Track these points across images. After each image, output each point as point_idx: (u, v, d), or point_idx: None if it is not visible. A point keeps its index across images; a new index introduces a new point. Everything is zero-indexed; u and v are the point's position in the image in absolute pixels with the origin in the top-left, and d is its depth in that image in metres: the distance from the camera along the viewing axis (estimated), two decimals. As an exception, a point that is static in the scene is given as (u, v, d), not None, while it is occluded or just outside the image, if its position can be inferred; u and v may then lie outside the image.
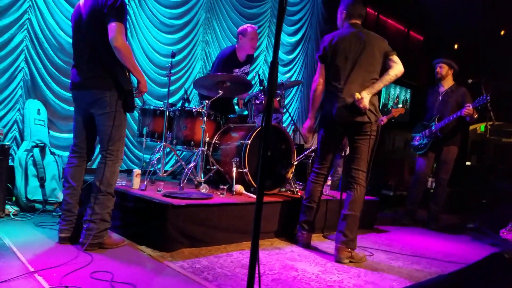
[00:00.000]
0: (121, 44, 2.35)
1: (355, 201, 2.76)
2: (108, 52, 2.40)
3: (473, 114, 4.14)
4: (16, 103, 3.88)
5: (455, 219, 5.17)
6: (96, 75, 2.45)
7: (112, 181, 2.51)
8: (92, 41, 2.46)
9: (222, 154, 3.66)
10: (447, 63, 4.49)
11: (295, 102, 6.56)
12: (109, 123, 2.46)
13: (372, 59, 2.82)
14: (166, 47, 4.96)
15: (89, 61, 2.47)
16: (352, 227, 2.73)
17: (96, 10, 2.41)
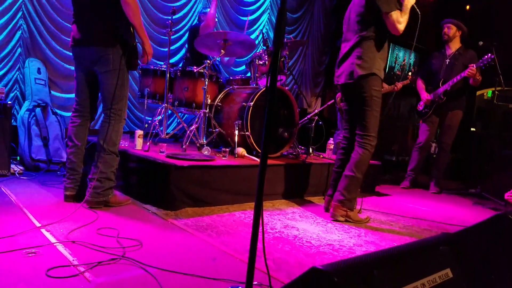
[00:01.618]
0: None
1: (356, 163, 2.75)
2: (113, 6, 2.33)
3: (476, 75, 4.05)
4: (16, 62, 3.83)
5: (457, 185, 5.19)
6: (99, 31, 2.38)
7: (116, 140, 2.50)
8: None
9: (224, 116, 3.63)
10: (456, 24, 4.35)
11: (299, 64, 6.42)
12: (112, 82, 2.41)
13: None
14: (166, 4, 4.80)
15: (91, 16, 2.40)
16: (350, 188, 2.75)
17: None
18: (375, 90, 2.69)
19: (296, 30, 6.27)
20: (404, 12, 2.63)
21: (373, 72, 2.67)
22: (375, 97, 2.70)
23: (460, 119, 4.42)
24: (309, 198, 3.45)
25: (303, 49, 6.38)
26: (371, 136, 2.75)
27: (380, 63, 2.72)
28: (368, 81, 2.67)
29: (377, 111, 2.74)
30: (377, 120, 2.75)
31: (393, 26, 2.60)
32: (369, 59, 2.68)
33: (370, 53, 2.68)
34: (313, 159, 3.71)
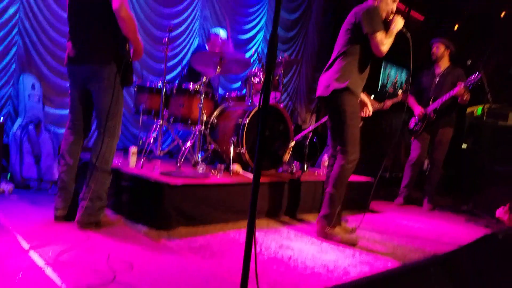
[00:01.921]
0: (126, 14, 2.31)
1: (333, 179, 2.73)
2: (108, 23, 2.34)
3: (464, 94, 4.12)
4: (10, 77, 3.81)
5: (449, 201, 5.22)
6: (94, 48, 2.39)
7: (109, 158, 2.48)
8: (90, 12, 2.38)
9: (220, 133, 3.63)
10: (444, 43, 4.44)
11: (294, 81, 6.48)
12: (107, 99, 2.40)
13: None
14: (163, 21, 4.84)
15: (86, 33, 2.40)
16: (328, 204, 2.73)
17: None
18: (349, 105, 2.68)
19: (290, 48, 6.35)
20: (389, 35, 2.66)
21: (349, 87, 2.67)
22: (350, 111, 2.69)
23: (451, 136, 4.48)
24: (304, 215, 3.44)
25: (298, 66, 6.45)
26: (348, 150, 2.71)
27: (357, 81, 2.73)
28: (343, 95, 2.68)
29: (354, 125, 2.71)
30: (354, 134, 2.72)
31: (376, 47, 2.63)
32: (346, 74, 2.69)
33: (349, 69, 2.70)
34: (307, 176, 3.71)
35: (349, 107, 2.68)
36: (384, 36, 2.63)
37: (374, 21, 2.63)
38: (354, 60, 2.71)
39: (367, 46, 2.69)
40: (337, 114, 2.73)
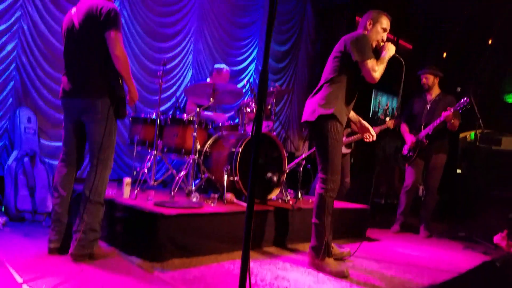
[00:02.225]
0: (121, 53, 2.39)
1: (315, 208, 2.70)
2: (102, 59, 2.42)
3: (452, 119, 4.20)
4: (7, 111, 3.86)
5: (446, 227, 5.20)
6: (88, 82, 2.45)
7: (101, 190, 2.49)
8: (85, 48, 2.46)
9: (213, 162, 3.65)
10: (432, 73, 4.56)
11: (286, 110, 6.59)
12: (100, 131, 2.44)
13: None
14: (157, 55, 4.96)
15: (81, 68, 2.47)
16: (314, 234, 2.69)
17: (90, 18, 2.42)
18: (332, 132, 2.65)
19: (282, 78, 6.51)
20: (381, 62, 2.67)
21: (333, 114, 2.65)
22: (332, 138, 2.66)
23: (444, 161, 4.52)
24: (299, 244, 3.40)
25: (289, 96, 6.58)
26: (328, 178, 2.66)
27: (343, 109, 2.71)
28: (328, 122, 2.66)
29: (336, 153, 2.67)
30: (335, 162, 2.66)
31: (368, 74, 2.62)
32: (332, 101, 2.67)
33: (335, 96, 2.69)
34: (302, 204, 3.71)
35: (333, 134, 2.66)
36: (375, 63, 2.63)
37: (364, 48, 2.63)
38: (341, 88, 2.71)
39: (355, 74, 2.71)
40: (320, 140, 2.70)
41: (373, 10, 2.87)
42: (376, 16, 2.82)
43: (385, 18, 2.83)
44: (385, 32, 2.82)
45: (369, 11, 2.88)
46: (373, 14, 2.83)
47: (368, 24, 2.82)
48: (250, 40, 6.05)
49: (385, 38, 2.82)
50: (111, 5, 2.43)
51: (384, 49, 2.74)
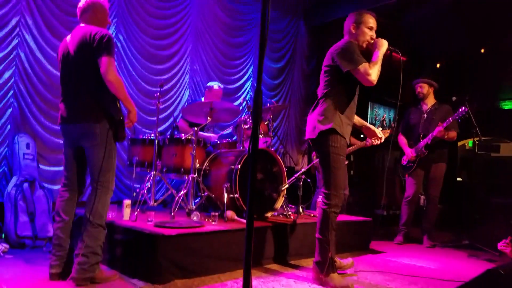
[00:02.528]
0: (113, 77, 2.41)
1: (318, 224, 2.68)
2: (98, 84, 2.45)
3: (444, 134, 4.28)
4: (5, 138, 3.89)
5: (449, 236, 5.16)
6: (85, 108, 2.47)
7: (103, 213, 2.49)
8: (80, 74, 2.50)
9: (213, 180, 3.66)
10: (426, 82, 4.61)
11: (283, 125, 6.63)
12: (99, 155, 2.46)
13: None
14: (154, 77, 5.02)
15: (77, 94, 2.50)
16: (318, 250, 2.66)
17: (84, 45, 2.47)
18: (333, 147, 2.63)
19: (278, 95, 6.57)
20: (375, 62, 2.58)
21: (333, 128, 2.62)
22: (334, 153, 2.63)
23: (444, 170, 4.52)
24: (302, 260, 3.38)
25: (286, 111, 6.63)
26: (330, 194, 2.63)
27: (342, 121, 2.67)
28: (328, 137, 2.63)
29: (337, 168, 2.64)
30: (337, 177, 2.63)
31: (363, 79, 2.57)
32: (330, 116, 2.64)
33: (331, 109, 2.66)
34: (304, 219, 3.69)
35: (334, 149, 2.63)
36: (368, 66, 2.55)
37: (352, 56, 2.58)
38: (337, 101, 2.68)
39: (348, 84, 2.67)
40: (322, 156, 2.69)
41: (354, 12, 2.79)
42: (358, 17, 2.75)
43: (368, 17, 2.75)
44: (372, 30, 2.75)
45: (350, 15, 2.81)
46: (355, 17, 2.76)
47: (352, 28, 2.76)
48: (246, 59, 6.14)
49: (375, 36, 2.75)
50: (104, 31, 2.48)
51: (375, 46, 2.67)
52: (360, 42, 2.72)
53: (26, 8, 3.99)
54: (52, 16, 4.15)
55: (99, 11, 2.66)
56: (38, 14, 4.07)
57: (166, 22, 5.15)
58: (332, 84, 2.70)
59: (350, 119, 2.77)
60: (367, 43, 2.73)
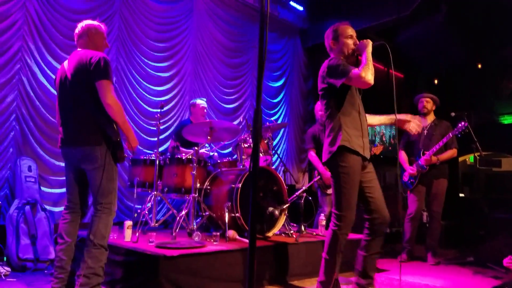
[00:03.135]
0: (112, 101, 2.44)
1: (326, 244, 2.64)
2: (95, 107, 2.47)
3: (432, 162, 4.32)
4: (7, 161, 3.91)
5: (453, 253, 5.10)
6: (84, 131, 2.49)
7: (105, 234, 2.49)
8: (77, 98, 2.52)
9: (214, 199, 3.65)
10: (432, 98, 4.63)
11: (283, 143, 6.66)
12: (100, 177, 2.47)
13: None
14: (155, 98, 5.08)
15: (76, 117, 2.52)
16: (323, 270, 2.63)
17: (81, 69, 2.50)
18: (343, 167, 2.57)
19: (277, 113, 6.64)
20: (365, 64, 2.51)
21: (342, 146, 2.57)
22: (344, 173, 2.57)
23: (446, 186, 4.50)
24: (305, 280, 3.33)
25: (286, 129, 6.67)
26: (342, 215, 2.57)
27: (348, 134, 2.60)
28: (337, 157, 2.59)
29: (346, 188, 2.57)
30: (346, 197, 2.57)
31: (359, 83, 2.54)
32: (336, 135, 2.61)
33: (336, 128, 2.62)
34: (306, 237, 3.67)
35: (343, 169, 2.57)
36: (358, 69, 2.50)
37: (339, 68, 2.55)
38: (338, 118, 2.64)
39: (346, 98, 2.63)
40: (333, 178, 2.64)
41: (328, 30, 2.80)
42: (334, 33, 2.76)
43: (344, 28, 2.74)
44: (353, 38, 2.73)
45: (326, 33, 2.82)
46: (331, 33, 2.77)
47: (332, 45, 2.77)
48: (244, 79, 6.23)
49: (357, 42, 2.71)
50: (100, 55, 2.51)
51: (361, 49, 2.63)
52: (346, 53, 2.71)
53: (28, 34, 4.08)
54: (53, 41, 4.24)
55: (95, 35, 2.69)
56: (40, 39, 4.16)
57: (166, 45, 5.25)
58: (331, 104, 2.68)
59: (358, 129, 2.67)
60: (351, 51, 2.71)
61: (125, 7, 4.85)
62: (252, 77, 6.32)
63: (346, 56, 2.71)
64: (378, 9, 5.87)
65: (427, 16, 5.64)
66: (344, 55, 2.72)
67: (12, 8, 3.95)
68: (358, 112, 2.71)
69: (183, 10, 5.42)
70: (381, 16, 5.82)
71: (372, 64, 2.54)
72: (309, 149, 4.56)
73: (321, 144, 4.52)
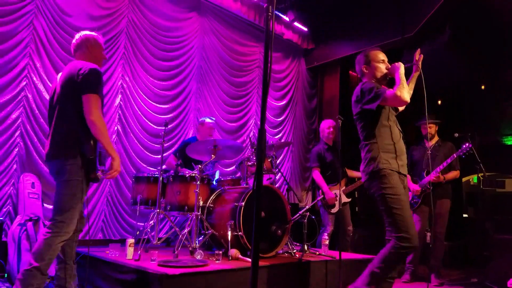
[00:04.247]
0: (96, 118, 2.31)
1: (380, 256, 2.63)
2: (78, 122, 2.36)
3: (442, 180, 4.33)
4: (11, 177, 3.92)
5: (457, 274, 5.03)
6: (62, 144, 2.39)
7: (45, 256, 2.27)
8: (62, 111, 2.43)
9: (216, 217, 3.64)
10: (434, 122, 4.66)
11: (287, 161, 6.66)
12: (63, 191, 2.34)
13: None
14: (159, 116, 5.13)
15: (56, 131, 2.43)
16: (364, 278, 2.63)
17: (69, 80, 2.40)
18: (385, 188, 2.57)
19: (281, 132, 6.67)
20: (399, 84, 2.56)
21: (379, 169, 2.59)
22: (388, 194, 2.56)
23: (449, 207, 4.48)
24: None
25: (289, 148, 6.69)
26: (401, 237, 2.52)
27: (384, 157, 2.62)
28: (377, 180, 2.60)
29: (397, 208, 2.54)
30: (401, 217, 2.53)
31: (395, 102, 2.60)
32: (373, 156, 2.63)
33: (373, 150, 2.65)
34: (309, 257, 3.63)
35: (388, 189, 2.56)
36: (392, 90, 2.56)
37: (372, 92, 2.60)
38: (376, 141, 2.67)
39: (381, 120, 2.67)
40: (379, 200, 2.62)
41: (359, 55, 2.88)
42: (365, 58, 2.83)
43: (376, 53, 2.83)
44: (385, 62, 2.81)
45: (356, 59, 2.89)
46: (363, 59, 2.84)
47: (364, 69, 2.83)
48: (249, 98, 6.28)
49: (389, 65, 2.79)
50: (91, 66, 2.40)
51: (393, 71, 2.69)
52: (378, 76, 2.78)
53: (35, 51, 4.15)
54: (60, 59, 4.30)
55: (93, 46, 2.61)
56: (46, 57, 4.22)
57: (171, 64, 5.33)
58: (367, 127, 2.72)
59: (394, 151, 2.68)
60: (384, 75, 2.78)
61: (131, 26, 4.94)
62: (256, 95, 6.37)
63: (378, 80, 2.79)
64: (382, 30, 5.96)
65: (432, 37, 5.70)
66: (376, 79, 2.79)
67: (19, 26, 4.04)
68: (394, 131, 2.74)
69: (188, 30, 5.51)
70: (385, 37, 5.90)
71: (405, 83, 2.60)
72: (314, 168, 4.59)
73: (326, 163, 4.57)
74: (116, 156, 2.44)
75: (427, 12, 5.42)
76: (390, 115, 2.76)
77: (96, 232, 4.43)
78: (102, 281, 2.95)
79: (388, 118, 2.74)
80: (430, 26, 5.54)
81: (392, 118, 2.77)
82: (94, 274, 3.02)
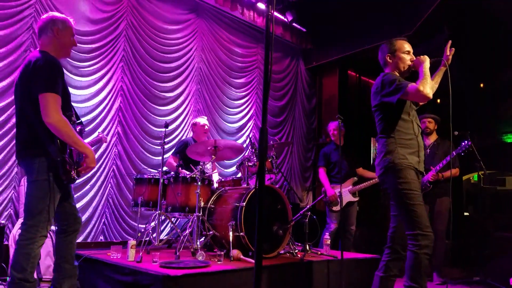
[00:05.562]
0: (54, 120, 2.10)
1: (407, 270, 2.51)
2: (35, 120, 2.17)
3: (440, 178, 4.33)
4: (12, 181, 3.92)
5: (459, 273, 5.03)
6: (24, 145, 2.23)
7: (26, 265, 2.13)
8: (21, 110, 2.25)
9: (218, 218, 3.64)
10: (434, 118, 4.67)
11: (287, 161, 6.67)
12: (31, 193, 2.17)
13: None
14: (159, 118, 5.14)
15: (19, 132, 2.26)
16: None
17: (24, 76, 2.19)
18: (400, 183, 2.45)
19: (280, 132, 6.69)
20: (423, 78, 2.44)
21: (395, 163, 2.48)
22: (404, 189, 2.45)
23: (449, 205, 4.48)
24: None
25: (289, 148, 6.70)
26: (418, 234, 2.43)
27: (401, 151, 2.51)
28: (390, 174, 2.50)
29: (413, 204, 2.44)
30: (417, 214, 2.43)
31: (417, 97, 2.48)
32: (389, 150, 2.52)
33: (390, 144, 2.54)
34: (311, 257, 3.63)
35: (403, 184, 2.45)
36: (415, 83, 2.43)
37: (393, 84, 2.48)
38: (393, 134, 2.55)
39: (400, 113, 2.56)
40: (393, 195, 2.51)
41: (385, 43, 2.73)
42: (391, 46, 2.69)
43: (402, 42, 2.68)
44: (410, 53, 2.67)
45: (381, 47, 2.75)
46: (388, 47, 2.70)
47: (388, 59, 2.69)
48: (248, 99, 6.30)
49: (414, 58, 2.65)
50: (48, 58, 2.16)
51: (418, 64, 2.57)
52: (401, 68, 2.65)
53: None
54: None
55: (60, 30, 2.28)
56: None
57: (170, 66, 5.34)
58: (385, 120, 2.60)
59: (412, 147, 2.57)
60: (407, 67, 2.66)
61: (130, 29, 4.96)
62: (256, 96, 6.39)
63: (401, 72, 2.66)
64: (380, 29, 5.97)
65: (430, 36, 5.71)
66: (399, 70, 2.66)
67: (19, 30, 4.05)
68: (413, 126, 2.63)
69: (187, 32, 5.53)
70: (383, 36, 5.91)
71: (429, 77, 2.49)
72: (320, 167, 4.70)
73: (331, 163, 4.60)
74: (88, 151, 2.24)
75: (424, 12, 5.44)
76: (411, 110, 2.64)
77: (98, 234, 4.43)
78: (104, 283, 2.96)
79: (408, 112, 2.61)
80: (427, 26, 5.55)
81: (412, 113, 2.64)
82: (95, 276, 3.03)
